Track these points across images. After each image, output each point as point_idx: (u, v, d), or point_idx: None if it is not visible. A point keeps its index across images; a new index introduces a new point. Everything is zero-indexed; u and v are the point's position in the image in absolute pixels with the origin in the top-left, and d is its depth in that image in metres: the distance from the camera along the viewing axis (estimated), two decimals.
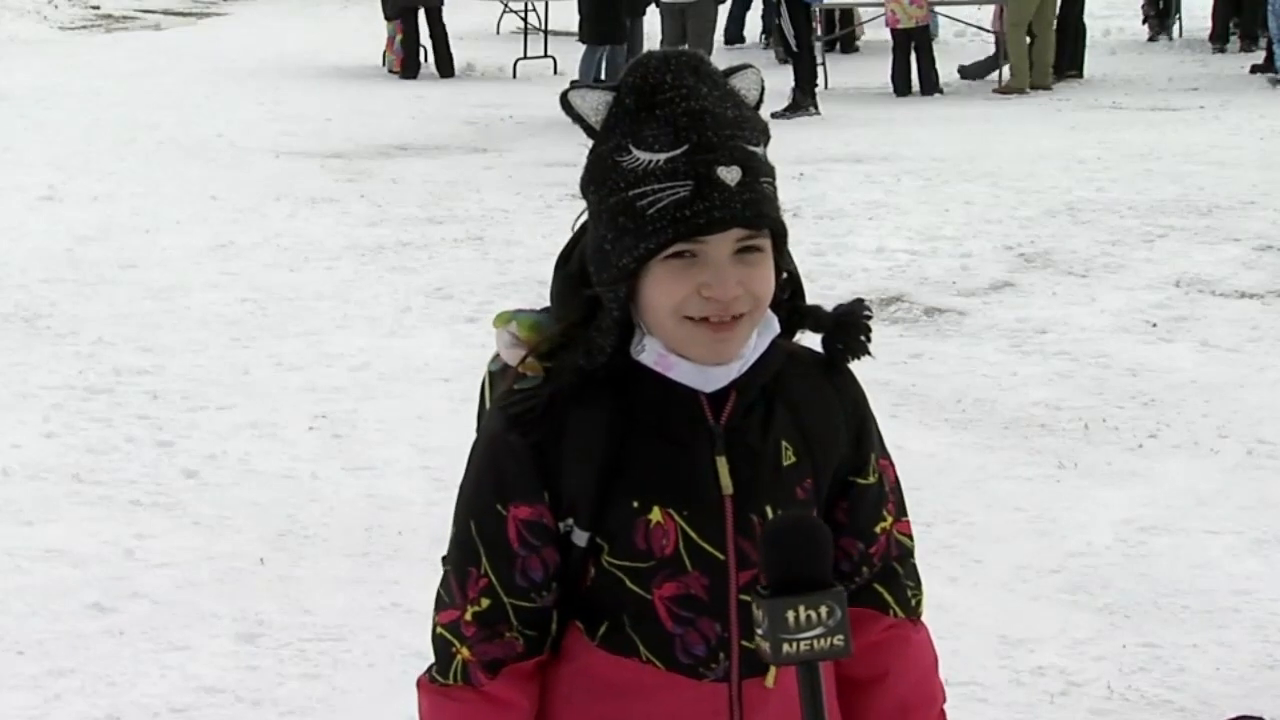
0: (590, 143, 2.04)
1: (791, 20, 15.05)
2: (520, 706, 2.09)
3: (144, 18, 25.05)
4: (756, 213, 1.96)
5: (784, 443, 2.07)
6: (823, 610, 1.81)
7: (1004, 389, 7.04)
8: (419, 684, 2.13)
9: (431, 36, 18.28)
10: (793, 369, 2.09)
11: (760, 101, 2.06)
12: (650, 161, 1.95)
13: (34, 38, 22.03)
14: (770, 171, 2.01)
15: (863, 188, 11.11)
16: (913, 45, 16.50)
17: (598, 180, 2.01)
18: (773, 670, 2.05)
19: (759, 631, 1.84)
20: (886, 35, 17.34)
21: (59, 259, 9.35)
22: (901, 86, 16.45)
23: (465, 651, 2.07)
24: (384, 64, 18.70)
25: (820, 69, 15.73)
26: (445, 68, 18.21)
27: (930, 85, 16.40)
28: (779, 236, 2.01)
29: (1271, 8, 16.80)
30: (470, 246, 9.66)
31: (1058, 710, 4.38)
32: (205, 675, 4.56)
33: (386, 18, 18.48)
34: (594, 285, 2.02)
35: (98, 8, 25.43)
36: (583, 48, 16.07)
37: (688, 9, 15.23)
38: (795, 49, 15.17)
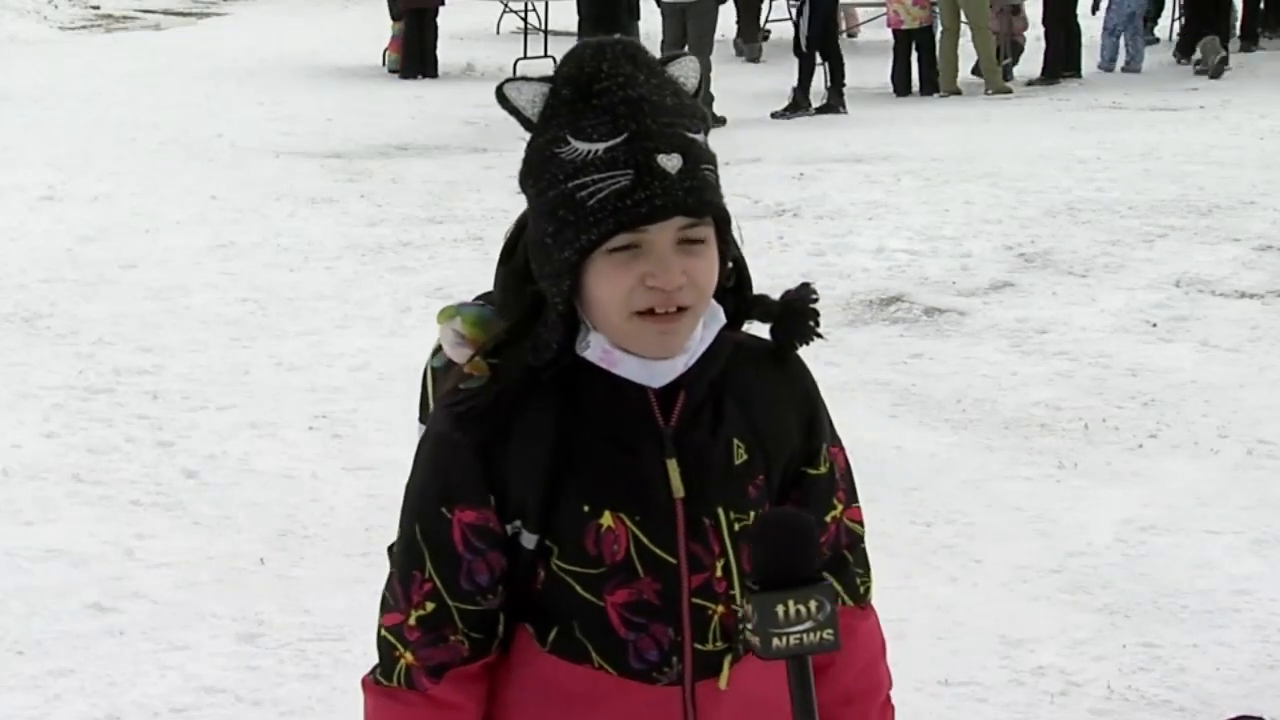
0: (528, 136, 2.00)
1: (811, 20, 15.13)
2: (465, 709, 2.06)
3: (144, 18, 25.04)
4: (698, 200, 1.93)
5: (735, 441, 2.04)
6: (812, 604, 1.82)
7: (1004, 389, 7.04)
8: (363, 683, 2.11)
9: (421, 37, 18.30)
10: (742, 361, 2.06)
11: (699, 90, 2.03)
12: (589, 152, 1.92)
13: (34, 38, 22.02)
14: (712, 159, 1.98)
15: (863, 188, 11.10)
16: (914, 45, 16.54)
17: (536, 173, 1.98)
18: (725, 672, 2.03)
19: (748, 626, 1.83)
20: (886, 35, 17.36)
21: (59, 259, 9.35)
22: (901, 86, 16.47)
23: (409, 656, 2.05)
24: (384, 64, 18.69)
25: (821, 69, 15.74)
26: (431, 68, 18.24)
27: (930, 85, 16.42)
28: (723, 224, 1.98)
29: (1111, 5, 17.18)
30: (470, 246, 9.65)
31: (1058, 710, 4.38)
32: (205, 675, 4.56)
33: (393, 18, 18.49)
34: (537, 280, 1.99)
35: (98, 8, 25.42)
36: None
37: (688, 9, 15.23)
38: (805, 50, 15.25)
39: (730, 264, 2.02)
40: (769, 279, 2.13)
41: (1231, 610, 4.93)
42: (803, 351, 2.12)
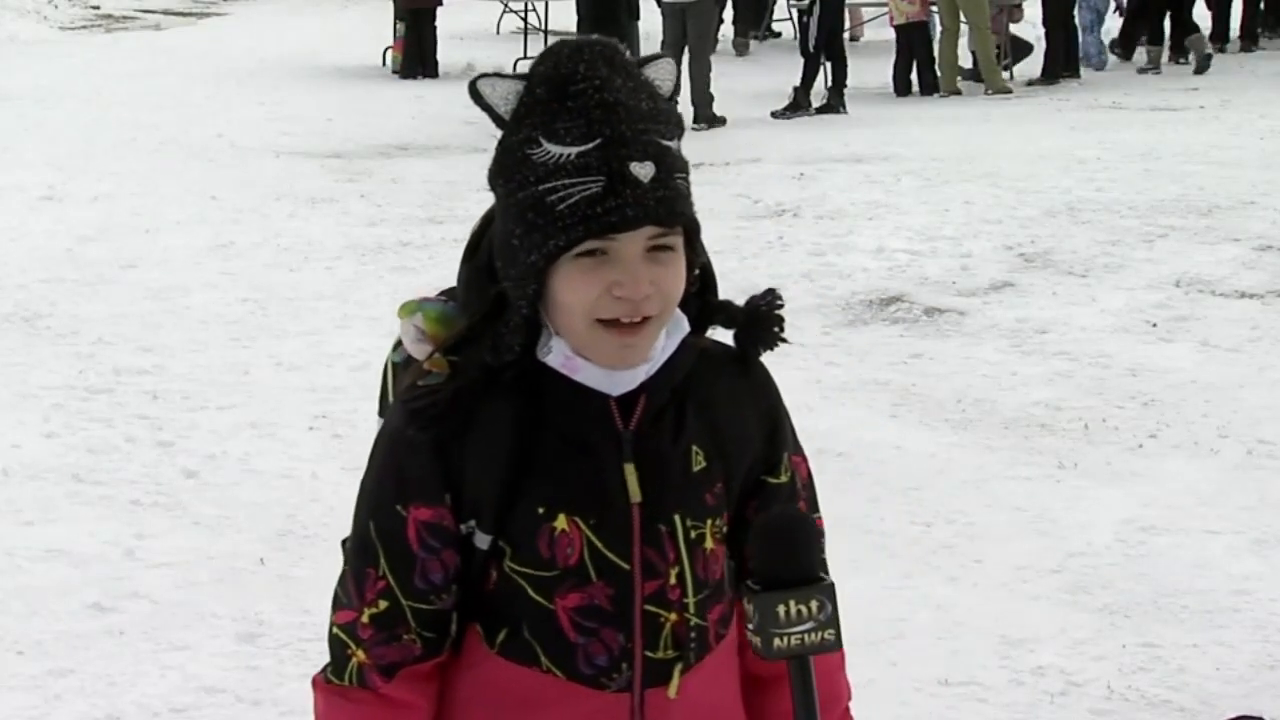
0: (500, 133, 1.98)
1: (821, 20, 15.15)
2: (418, 707, 2.05)
3: (144, 18, 25.04)
4: (669, 210, 1.91)
5: (695, 447, 2.02)
6: (813, 604, 1.83)
7: (1004, 389, 7.04)
8: (314, 682, 2.08)
9: (420, 37, 18.32)
10: (705, 367, 2.04)
11: (675, 93, 2.01)
12: (561, 155, 1.90)
13: (34, 38, 22.01)
14: (684, 167, 1.96)
15: (863, 188, 11.10)
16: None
17: (506, 173, 1.96)
18: (675, 680, 2.01)
19: (749, 626, 1.83)
20: (886, 36, 17.37)
21: (59, 259, 9.35)
22: (901, 86, 16.47)
23: (361, 654, 2.03)
24: (385, 64, 18.67)
25: (822, 69, 15.76)
26: (430, 68, 18.27)
27: (930, 85, 16.42)
28: (692, 232, 1.96)
29: (1082, 5, 17.20)
30: None
31: (1058, 710, 4.39)
32: (205, 675, 4.56)
33: (398, 18, 18.49)
34: (501, 280, 1.98)
35: (98, 8, 25.42)
36: None
37: (688, 9, 15.24)
38: (812, 50, 15.26)
39: (696, 270, 2.00)
40: (769, 279, 2.14)
41: (1231, 610, 4.93)
42: (803, 351, 2.12)
